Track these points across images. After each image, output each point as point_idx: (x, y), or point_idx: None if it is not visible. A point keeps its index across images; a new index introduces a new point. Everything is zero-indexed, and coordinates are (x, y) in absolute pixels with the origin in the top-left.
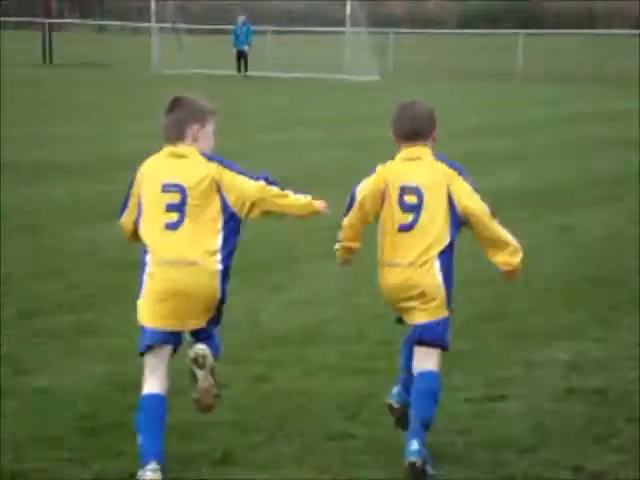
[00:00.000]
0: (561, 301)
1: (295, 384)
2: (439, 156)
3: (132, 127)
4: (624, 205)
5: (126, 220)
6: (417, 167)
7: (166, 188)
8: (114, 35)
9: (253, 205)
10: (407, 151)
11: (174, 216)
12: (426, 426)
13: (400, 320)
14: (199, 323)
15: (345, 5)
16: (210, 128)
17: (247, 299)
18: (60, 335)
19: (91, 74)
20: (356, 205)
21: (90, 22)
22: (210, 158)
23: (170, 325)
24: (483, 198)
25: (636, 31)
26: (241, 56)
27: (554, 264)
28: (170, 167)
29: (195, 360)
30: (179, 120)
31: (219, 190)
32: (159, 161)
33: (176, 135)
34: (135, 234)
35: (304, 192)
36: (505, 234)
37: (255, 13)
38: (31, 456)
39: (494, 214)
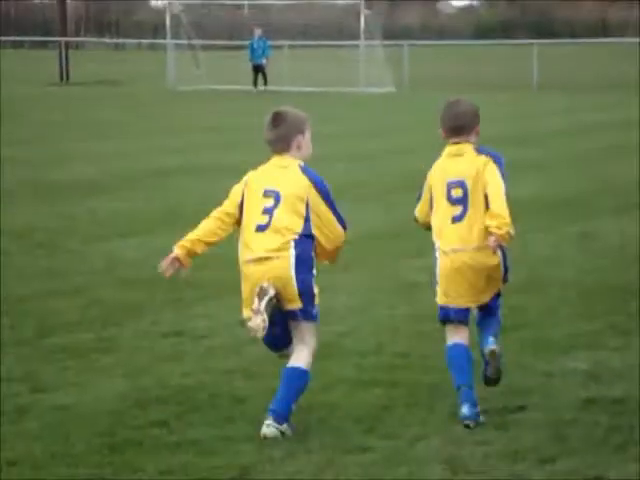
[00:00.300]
0: (579, 310)
1: (313, 398)
2: (481, 149)
3: (147, 143)
4: None
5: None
6: (460, 163)
7: (267, 193)
8: (131, 52)
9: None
10: (451, 148)
11: (265, 219)
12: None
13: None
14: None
15: (359, 18)
16: (308, 135)
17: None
18: (79, 352)
19: (107, 91)
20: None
21: (107, 40)
22: (304, 171)
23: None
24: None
25: None
26: (258, 70)
27: (572, 273)
28: (273, 175)
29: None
30: (284, 135)
31: (307, 204)
32: (266, 169)
33: (282, 148)
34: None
35: None
36: (504, 210)
37: (271, 27)
38: (50, 473)
39: (506, 195)
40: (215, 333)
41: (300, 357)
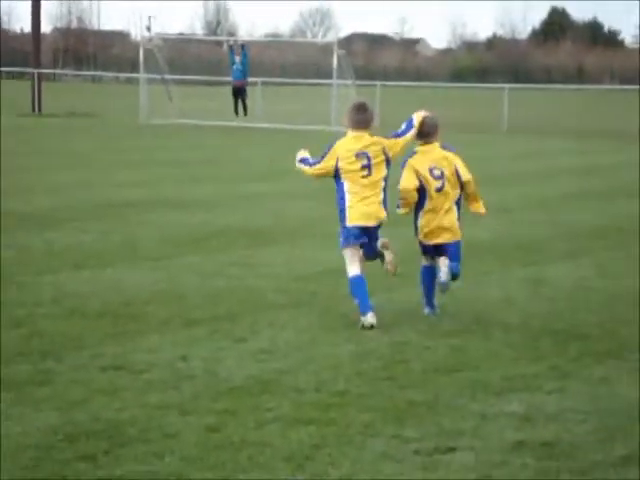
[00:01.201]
0: (521, 353)
1: (246, 434)
2: (445, 145)
3: (111, 176)
4: (596, 259)
5: (326, 164)
6: (434, 156)
7: (359, 155)
8: (108, 85)
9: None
10: (423, 147)
11: (366, 170)
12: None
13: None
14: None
15: (333, 58)
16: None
17: (210, 349)
18: (14, 385)
19: (78, 123)
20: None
21: (83, 72)
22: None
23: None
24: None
25: (624, 86)
26: (238, 95)
27: (519, 316)
28: (360, 142)
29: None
30: (368, 119)
31: (385, 152)
32: (351, 139)
33: (365, 127)
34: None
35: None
36: (477, 192)
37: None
38: None
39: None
40: (155, 367)
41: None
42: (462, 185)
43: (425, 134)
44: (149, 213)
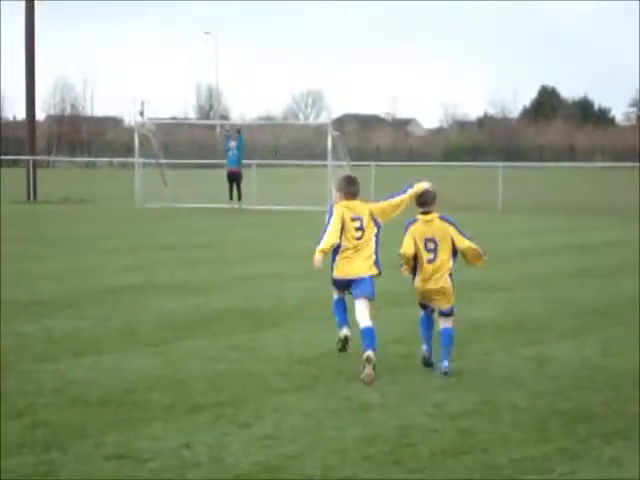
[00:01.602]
0: (530, 435)
1: None
2: (442, 216)
3: (106, 260)
4: (599, 337)
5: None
6: (432, 225)
7: (354, 218)
8: (102, 171)
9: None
10: (424, 217)
11: (359, 233)
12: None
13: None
14: None
15: (327, 140)
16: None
17: (214, 435)
18: (18, 477)
19: (73, 209)
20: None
21: (77, 159)
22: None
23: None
24: (468, 238)
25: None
26: (233, 180)
27: (526, 397)
28: (354, 208)
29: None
30: (357, 191)
31: (372, 216)
32: (346, 206)
33: (355, 197)
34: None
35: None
36: (477, 248)
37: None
38: None
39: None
40: (159, 456)
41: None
42: (461, 252)
43: (423, 202)
44: (147, 298)
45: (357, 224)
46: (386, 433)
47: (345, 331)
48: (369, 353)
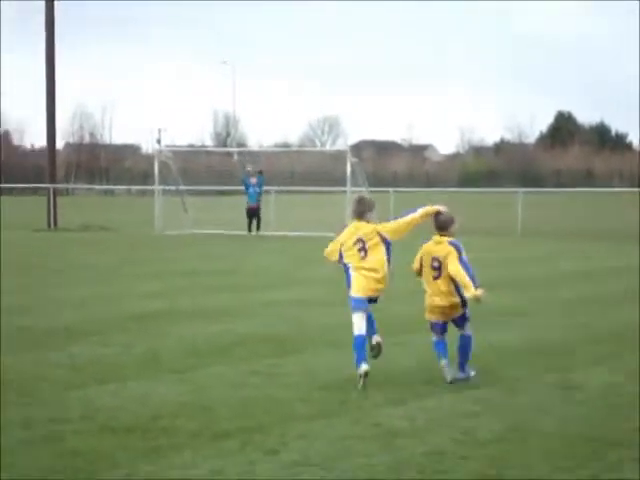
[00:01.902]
0: (560, 462)
1: None
2: (452, 242)
3: (128, 287)
4: (624, 363)
5: (335, 252)
6: (439, 246)
7: (356, 239)
8: (120, 198)
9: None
10: (436, 238)
11: (362, 253)
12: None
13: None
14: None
15: (346, 165)
16: (373, 215)
17: (242, 462)
18: None
19: (93, 237)
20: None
21: (96, 186)
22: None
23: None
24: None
25: (636, 189)
26: (253, 215)
27: (554, 423)
28: (360, 228)
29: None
30: (362, 209)
31: (380, 234)
32: (352, 226)
33: (360, 216)
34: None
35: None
36: (466, 281)
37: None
38: None
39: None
40: None
41: None
42: (450, 275)
43: (439, 227)
44: (170, 324)
45: (360, 245)
46: (415, 459)
47: (364, 367)
48: (378, 339)
